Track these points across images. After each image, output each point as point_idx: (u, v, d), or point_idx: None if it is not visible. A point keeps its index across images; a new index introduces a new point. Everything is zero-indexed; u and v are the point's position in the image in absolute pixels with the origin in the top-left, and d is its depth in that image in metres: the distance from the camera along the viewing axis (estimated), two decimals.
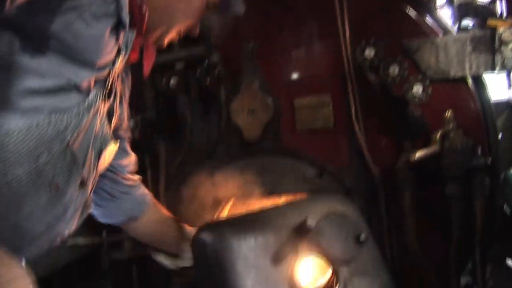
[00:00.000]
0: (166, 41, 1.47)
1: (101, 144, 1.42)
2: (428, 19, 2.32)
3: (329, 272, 2.01)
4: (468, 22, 2.30)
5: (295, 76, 2.42)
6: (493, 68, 2.19)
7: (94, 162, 1.40)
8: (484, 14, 2.26)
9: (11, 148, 1.08)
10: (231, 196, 2.47)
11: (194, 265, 2.01)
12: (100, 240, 2.51)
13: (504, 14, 2.39)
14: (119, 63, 1.34)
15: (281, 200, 2.35)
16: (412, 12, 2.31)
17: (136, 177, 1.91)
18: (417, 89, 2.19)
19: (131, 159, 1.83)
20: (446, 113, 2.20)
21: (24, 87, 1.07)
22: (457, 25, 2.37)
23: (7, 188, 1.06)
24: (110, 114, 1.45)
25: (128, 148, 1.80)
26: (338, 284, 1.96)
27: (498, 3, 2.43)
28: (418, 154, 2.18)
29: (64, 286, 3.16)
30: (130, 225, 1.93)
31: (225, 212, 2.42)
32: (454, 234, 2.27)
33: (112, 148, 1.50)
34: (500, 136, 2.36)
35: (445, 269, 2.33)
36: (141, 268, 2.57)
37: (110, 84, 1.35)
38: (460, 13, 2.36)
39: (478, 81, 2.32)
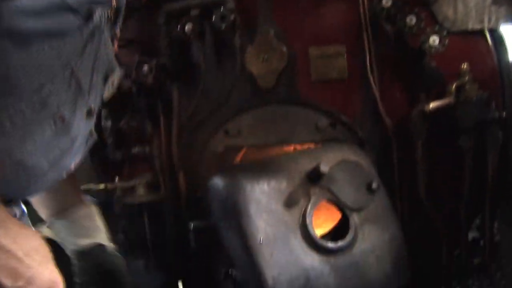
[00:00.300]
0: None
1: (107, 70, 1.36)
2: None
3: (340, 218, 2.04)
4: None
5: (310, 25, 2.38)
6: None
7: (100, 89, 1.34)
8: None
9: (11, 80, 1.02)
10: (244, 145, 2.48)
11: (209, 210, 2.04)
12: (113, 185, 2.54)
13: None
14: None
15: (294, 149, 2.37)
16: None
17: None
18: (434, 40, 2.16)
19: None
20: (462, 66, 2.19)
21: (14, 6, 0.99)
22: None
23: (10, 123, 1.01)
24: (113, 37, 1.38)
25: None
26: (349, 230, 1.99)
27: None
28: (433, 104, 2.18)
29: None
30: None
31: (237, 160, 2.44)
32: (465, 188, 2.29)
33: (118, 74, 1.44)
34: None
35: (454, 223, 2.36)
36: (153, 213, 2.60)
37: (115, 5, 1.29)
38: None
39: (496, 35, 2.30)
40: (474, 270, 2.36)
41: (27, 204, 1.59)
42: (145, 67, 2.34)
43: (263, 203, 1.93)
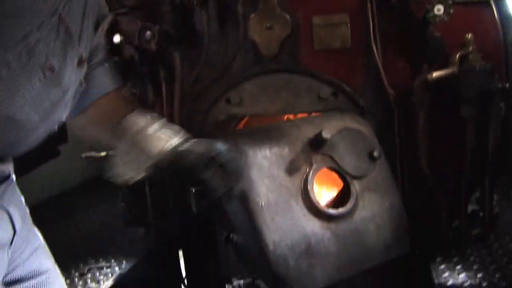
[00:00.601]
0: None
1: (98, 16, 1.31)
2: None
3: (341, 185, 2.05)
4: None
5: None
6: None
7: (91, 36, 1.28)
8: None
9: None
10: (245, 114, 2.48)
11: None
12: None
13: None
14: None
15: (294, 117, 2.38)
16: None
17: None
18: (439, 9, 2.14)
19: None
20: (467, 36, 2.18)
21: None
22: None
23: None
24: None
25: None
26: (350, 197, 2.01)
27: None
28: (436, 74, 2.17)
29: (79, 205, 3.25)
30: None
31: (239, 127, 2.45)
32: (466, 159, 2.29)
33: (109, 18, 1.38)
34: None
35: (455, 194, 2.37)
36: (153, 180, 2.60)
37: None
38: None
39: (502, 6, 2.28)
40: (473, 240, 2.38)
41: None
42: (148, 33, 2.33)
43: (264, 168, 1.94)
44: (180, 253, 2.89)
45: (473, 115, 2.21)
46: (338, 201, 2.04)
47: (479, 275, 2.09)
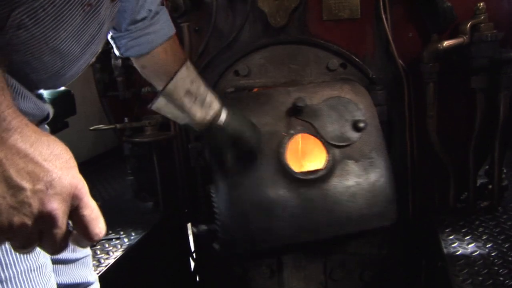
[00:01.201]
0: None
1: None
2: None
3: (320, 151, 2.09)
4: None
5: None
6: None
7: None
8: None
9: None
10: (254, 85, 2.47)
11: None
12: (122, 125, 2.54)
13: None
14: None
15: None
16: None
17: None
18: None
19: None
20: (479, 4, 2.15)
21: None
22: None
23: (42, 11, 1.03)
24: None
25: None
26: (326, 163, 2.04)
27: None
28: (446, 43, 2.15)
29: (87, 178, 3.25)
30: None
31: None
32: (475, 129, 2.27)
33: None
34: None
35: (464, 166, 2.36)
36: (162, 153, 2.61)
37: None
38: None
39: None
40: (482, 212, 2.37)
41: None
42: None
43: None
44: (189, 226, 2.89)
45: (484, 87, 2.18)
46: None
47: (488, 245, 2.09)
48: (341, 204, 2.02)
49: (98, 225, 0.88)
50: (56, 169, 0.85)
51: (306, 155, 2.15)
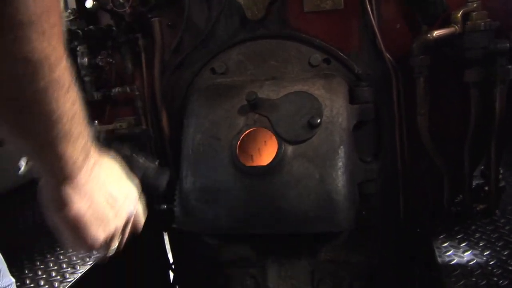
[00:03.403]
0: None
1: None
2: None
3: (273, 146, 2.03)
4: None
5: None
6: None
7: None
8: None
9: None
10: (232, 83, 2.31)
11: None
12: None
13: None
14: None
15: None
16: None
17: None
18: None
19: None
20: None
21: None
22: None
23: None
24: None
25: None
26: (274, 158, 1.99)
27: None
28: (436, 33, 1.99)
29: None
30: None
31: None
32: (470, 127, 2.12)
33: None
34: None
35: (458, 167, 2.20)
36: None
37: None
38: None
39: None
40: (478, 216, 2.22)
41: None
42: None
43: (208, 118, 2.11)
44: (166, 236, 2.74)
45: (478, 80, 2.02)
46: None
47: (486, 253, 1.93)
48: (286, 202, 1.96)
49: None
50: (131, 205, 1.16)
51: (264, 149, 2.07)
